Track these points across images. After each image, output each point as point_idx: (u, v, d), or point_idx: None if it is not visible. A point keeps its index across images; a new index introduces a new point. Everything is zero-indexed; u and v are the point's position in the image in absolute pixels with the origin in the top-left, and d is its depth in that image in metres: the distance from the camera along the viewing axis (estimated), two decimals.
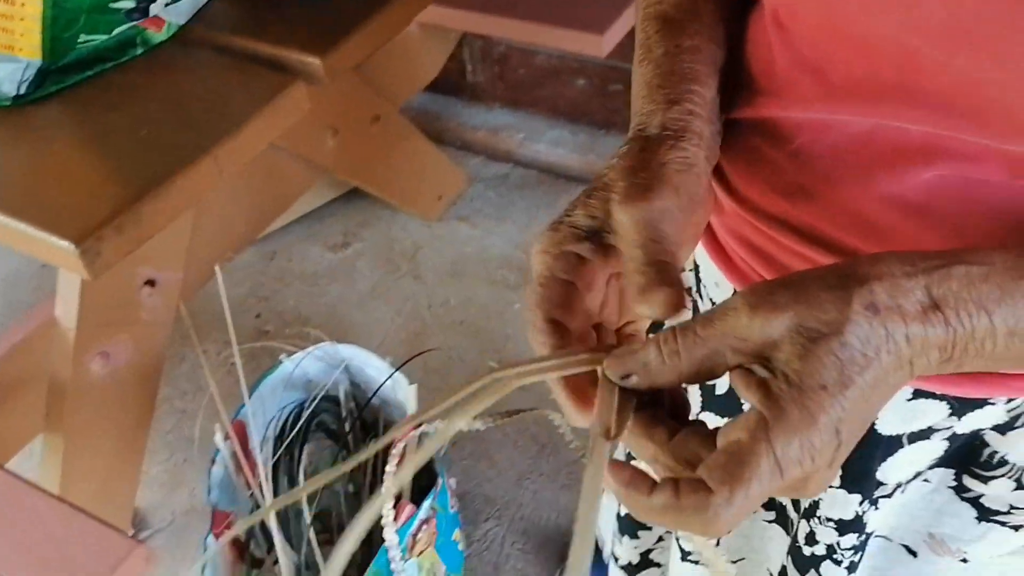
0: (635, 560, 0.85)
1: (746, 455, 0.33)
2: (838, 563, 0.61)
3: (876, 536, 0.62)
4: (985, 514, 0.55)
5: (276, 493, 1.11)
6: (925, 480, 0.57)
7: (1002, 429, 0.52)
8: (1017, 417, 0.51)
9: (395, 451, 1.06)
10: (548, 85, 1.92)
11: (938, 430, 0.52)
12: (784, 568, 0.67)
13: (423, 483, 1.12)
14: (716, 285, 0.59)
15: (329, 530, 1.20)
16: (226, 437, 1.10)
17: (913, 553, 0.62)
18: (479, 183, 1.93)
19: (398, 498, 1.07)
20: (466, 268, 1.76)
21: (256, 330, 1.68)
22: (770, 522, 0.68)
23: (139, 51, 0.92)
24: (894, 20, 0.41)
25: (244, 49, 0.94)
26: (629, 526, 0.83)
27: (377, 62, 1.50)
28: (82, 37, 0.86)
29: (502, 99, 2.03)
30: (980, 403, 0.50)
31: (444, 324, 1.66)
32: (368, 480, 1.21)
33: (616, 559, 0.87)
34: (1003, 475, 0.52)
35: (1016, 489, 0.52)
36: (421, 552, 1.08)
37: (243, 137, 0.84)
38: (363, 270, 1.79)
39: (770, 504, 0.68)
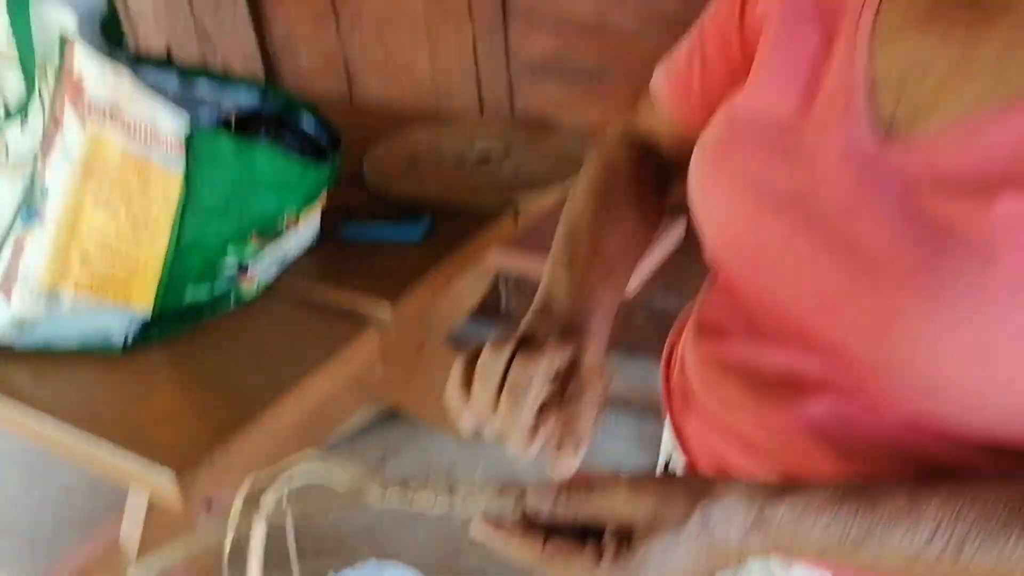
0: None
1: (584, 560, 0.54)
2: None
3: None
4: None
5: None
6: None
7: None
8: None
9: None
10: None
11: None
12: None
13: None
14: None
15: None
16: None
17: None
18: None
19: None
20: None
21: (297, 549, 1.72)
22: None
23: (232, 305, 1.05)
24: (784, 290, 0.60)
25: (323, 300, 1.08)
26: None
27: None
28: (188, 293, 1.00)
29: None
30: None
31: (479, 543, 1.69)
32: None
33: None
34: None
35: None
36: None
37: (319, 379, 0.96)
38: None
39: None
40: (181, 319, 1.02)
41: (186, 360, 0.99)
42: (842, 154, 0.57)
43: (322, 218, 1.15)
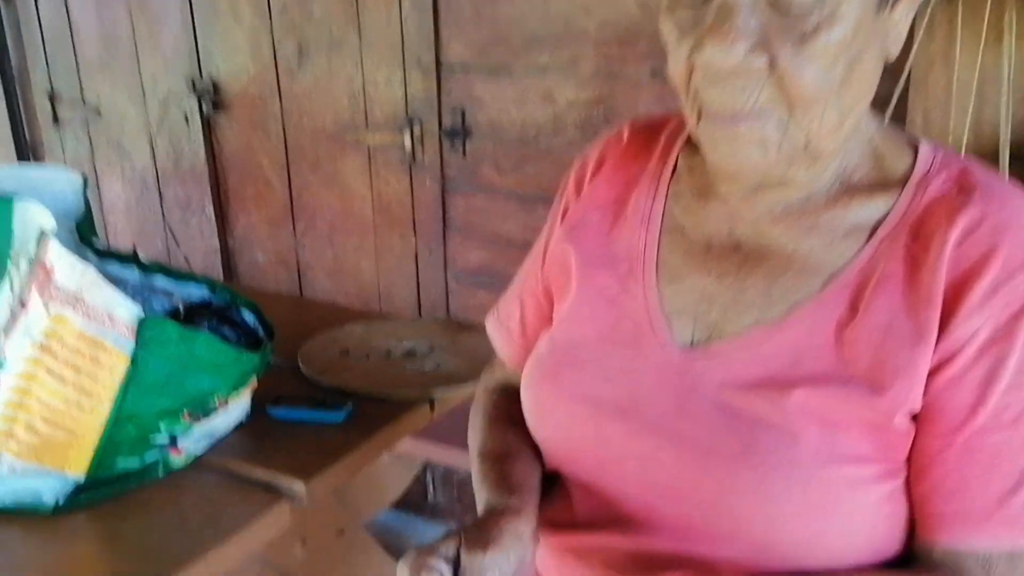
0: None
1: None
2: None
3: None
4: None
5: None
6: None
7: None
8: None
9: None
10: None
11: None
12: None
13: None
14: None
15: None
16: None
17: None
18: None
19: None
20: None
21: None
22: None
23: (160, 474, 1.15)
24: (629, 484, 0.73)
25: (244, 473, 1.18)
26: None
27: (348, 482, 1.74)
28: (120, 462, 1.10)
29: (460, 518, 2.24)
30: None
31: None
32: None
33: None
34: None
35: None
36: None
37: (230, 546, 1.04)
38: None
39: None
40: (112, 485, 1.11)
41: (111, 523, 1.07)
42: (659, 371, 0.73)
43: (253, 400, 1.28)
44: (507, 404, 0.92)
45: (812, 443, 0.65)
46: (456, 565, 0.67)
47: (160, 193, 2.65)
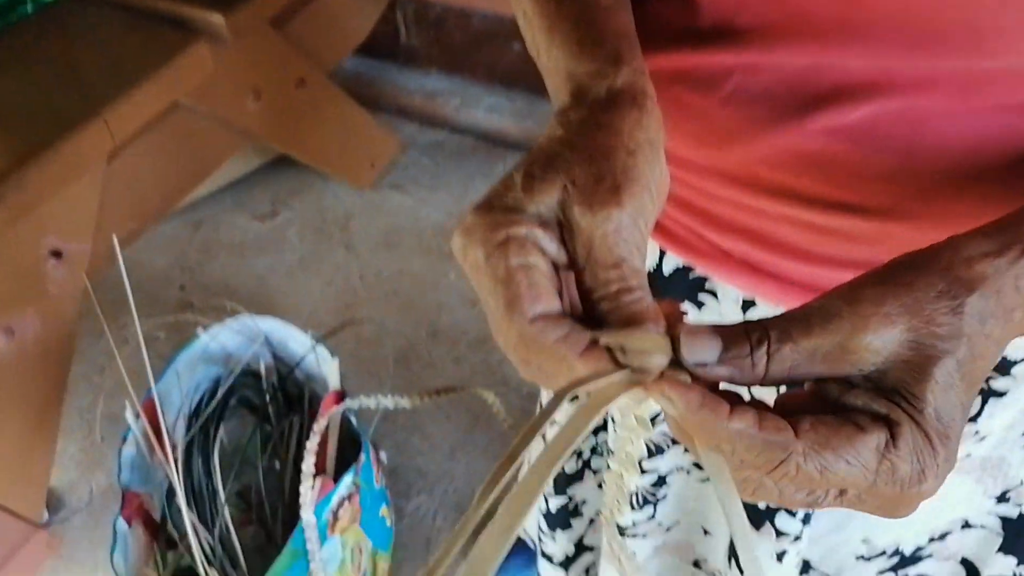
0: (570, 552, 0.83)
1: (854, 441, 0.30)
2: (792, 514, 0.60)
3: None
4: None
5: (190, 472, 1.07)
6: None
7: None
8: None
9: (317, 427, 1.03)
10: (485, 49, 1.87)
11: None
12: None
13: (350, 460, 1.09)
14: None
15: (249, 507, 1.17)
16: (136, 416, 1.06)
17: None
18: (413, 150, 1.88)
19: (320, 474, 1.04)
20: (399, 238, 1.72)
21: (180, 302, 1.63)
22: (703, 481, 0.67)
23: (29, 8, 0.86)
24: None
25: (144, 6, 0.89)
26: (560, 519, 0.81)
27: (302, 23, 1.44)
28: None
29: (438, 63, 1.98)
30: None
31: (376, 295, 1.62)
32: (291, 456, 1.18)
33: (550, 558, 0.85)
34: None
35: None
36: (344, 529, 1.05)
37: (136, 99, 0.80)
38: (292, 240, 1.73)
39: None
40: None
41: None
42: None
43: None
44: None
45: None
46: (560, 225, 0.34)
47: None
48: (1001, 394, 0.50)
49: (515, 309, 0.32)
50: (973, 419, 0.51)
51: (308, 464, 0.97)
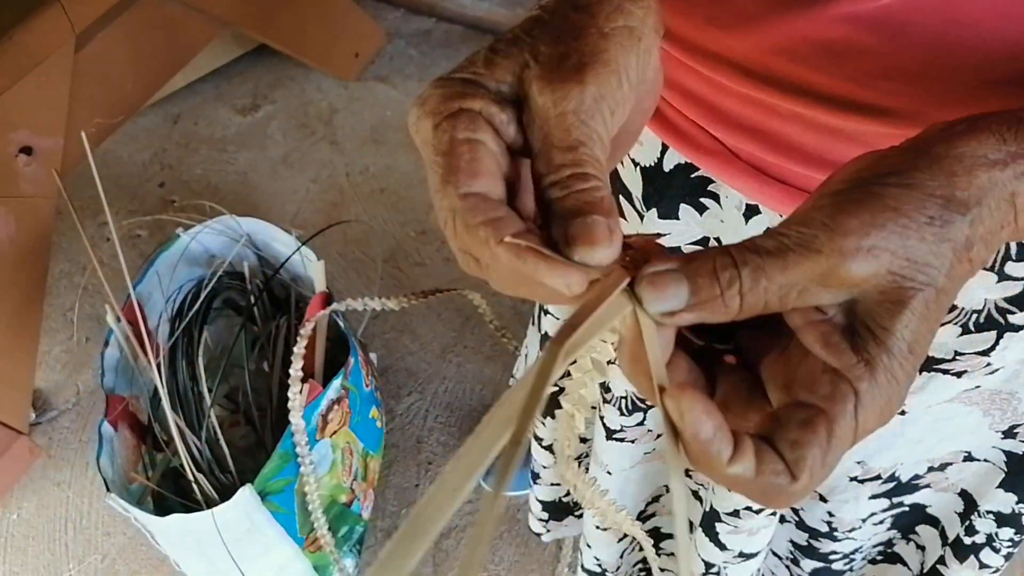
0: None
1: (833, 436, 0.27)
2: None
3: None
4: (927, 364, 0.51)
5: (175, 374, 1.05)
6: None
7: None
8: None
9: (304, 330, 1.01)
10: None
11: None
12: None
13: (340, 361, 1.07)
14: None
15: (238, 408, 1.16)
16: (118, 318, 1.03)
17: None
18: (399, 40, 1.80)
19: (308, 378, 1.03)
20: (386, 133, 1.66)
21: (161, 200, 1.58)
22: None
23: None
24: None
25: None
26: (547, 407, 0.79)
27: None
28: None
29: None
30: None
31: (363, 193, 1.58)
32: (279, 358, 1.16)
33: (540, 440, 0.84)
34: (949, 321, 0.48)
35: (961, 335, 0.49)
36: (334, 432, 1.05)
37: None
38: (275, 135, 1.67)
39: None
40: None
41: None
42: None
43: None
44: None
45: None
46: (519, 106, 0.31)
47: None
48: (1018, 328, 0.47)
49: (449, 182, 0.29)
50: (986, 352, 0.49)
51: (296, 368, 0.95)
